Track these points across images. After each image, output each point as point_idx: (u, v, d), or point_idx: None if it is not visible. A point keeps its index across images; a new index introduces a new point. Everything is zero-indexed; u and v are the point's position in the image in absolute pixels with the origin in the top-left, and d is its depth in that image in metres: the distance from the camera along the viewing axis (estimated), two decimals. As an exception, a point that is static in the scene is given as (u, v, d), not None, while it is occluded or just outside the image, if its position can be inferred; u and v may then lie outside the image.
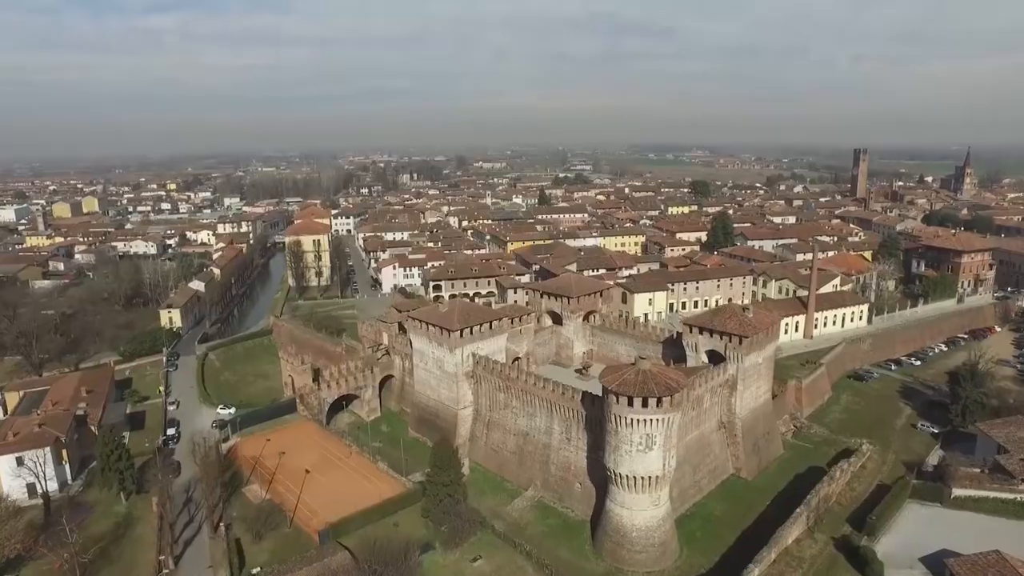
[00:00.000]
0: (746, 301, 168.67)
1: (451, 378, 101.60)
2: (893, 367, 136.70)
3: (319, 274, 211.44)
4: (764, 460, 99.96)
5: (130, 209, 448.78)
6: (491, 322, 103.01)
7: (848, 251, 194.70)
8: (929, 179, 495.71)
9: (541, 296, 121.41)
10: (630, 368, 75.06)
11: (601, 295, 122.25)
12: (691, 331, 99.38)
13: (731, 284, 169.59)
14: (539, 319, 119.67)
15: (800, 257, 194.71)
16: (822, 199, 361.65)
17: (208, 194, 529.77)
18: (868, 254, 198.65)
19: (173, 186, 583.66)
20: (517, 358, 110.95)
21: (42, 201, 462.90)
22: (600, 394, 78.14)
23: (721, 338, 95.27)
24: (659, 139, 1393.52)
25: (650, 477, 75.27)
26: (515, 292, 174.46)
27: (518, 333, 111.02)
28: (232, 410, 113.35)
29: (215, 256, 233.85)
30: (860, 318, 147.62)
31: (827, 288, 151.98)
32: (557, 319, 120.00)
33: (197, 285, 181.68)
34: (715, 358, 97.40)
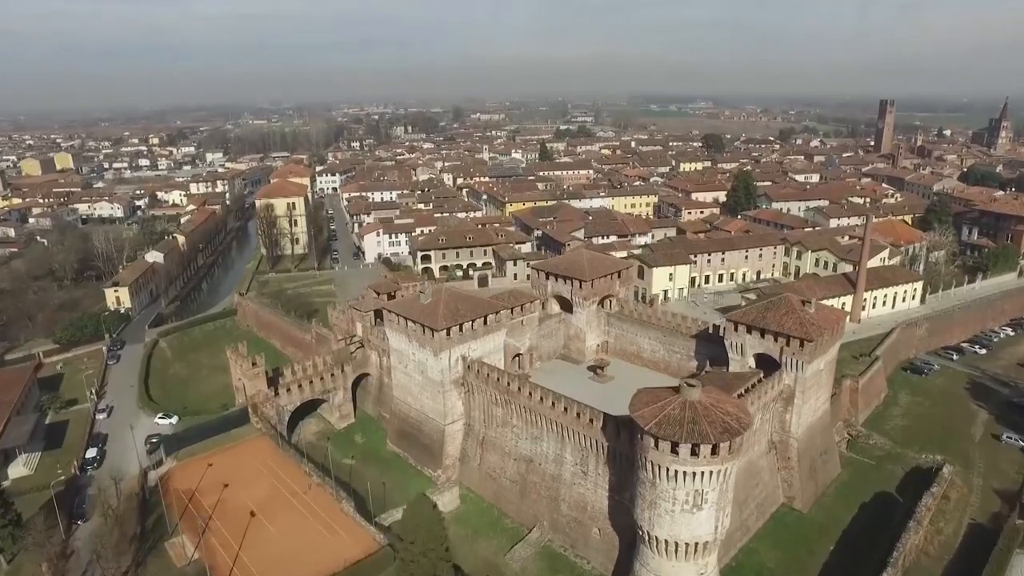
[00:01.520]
0: (777, 275, 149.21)
1: (436, 386, 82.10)
2: (954, 356, 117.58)
3: (295, 241, 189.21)
4: (821, 485, 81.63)
5: (106, 166, 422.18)
6: (486, 316, 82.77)
7: (890, 216, 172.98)
8: (948, 132, 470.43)
9: (547, 278, 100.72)
10: (673, 398, 55.20)
11: (619, 276, 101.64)
12: (736, 329, 79.17)
13: (760, 255, 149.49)
14: (544, 305, 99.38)
15: (834, 223, 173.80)
16: (844, 154, 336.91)
17: (191, 149, 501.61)
18: (908, 219, 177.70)
19: (156, 140, 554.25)
20: (518, 354, 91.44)
21: (13, 157, 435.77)
22: (627, 412, 58.27)
23: (776, 340, 75.32)
24: (660, 89, 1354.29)
25: (697, 543, 56.37)
26: (515, 264, 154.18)
27: (519, 325, 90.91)
28: (174, 420, 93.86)
29: (184, 220, 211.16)
30: (913, 297, 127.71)
31: (874, 262, 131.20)
32: (566, 304, 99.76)
33: (154, 256, 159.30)
34: (764, 360, 77.78)
